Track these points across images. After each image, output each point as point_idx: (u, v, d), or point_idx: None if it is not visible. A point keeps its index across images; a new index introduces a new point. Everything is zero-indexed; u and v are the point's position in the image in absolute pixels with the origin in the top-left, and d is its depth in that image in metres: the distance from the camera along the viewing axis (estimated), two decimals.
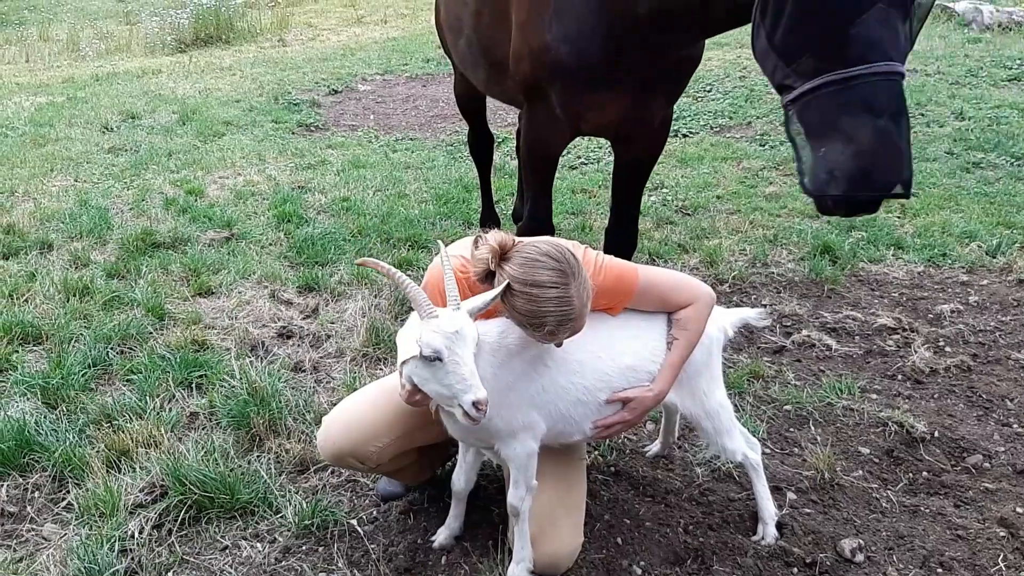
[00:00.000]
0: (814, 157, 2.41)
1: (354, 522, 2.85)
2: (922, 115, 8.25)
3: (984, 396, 3.60)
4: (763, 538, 2.76)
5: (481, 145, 5.39)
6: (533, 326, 2.23)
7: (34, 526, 2.91)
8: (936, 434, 3.31)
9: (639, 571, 2.63)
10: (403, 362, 2.17)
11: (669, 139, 7.88)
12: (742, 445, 2.73)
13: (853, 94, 2.27)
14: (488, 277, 2.29)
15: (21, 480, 3.11)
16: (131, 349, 4.01)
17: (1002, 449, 3.25)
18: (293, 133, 8.48)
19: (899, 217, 5.69)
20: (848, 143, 2.27)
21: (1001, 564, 2.66)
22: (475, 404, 2.09)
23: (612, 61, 3.18)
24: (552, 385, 2.44)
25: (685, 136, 8.12)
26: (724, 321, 2.77)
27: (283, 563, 2.71)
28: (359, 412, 2.69)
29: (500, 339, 2.39)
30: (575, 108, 3.39)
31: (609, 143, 4.05)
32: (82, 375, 3.70)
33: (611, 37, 3.13)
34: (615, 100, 3.33)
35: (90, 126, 8.60)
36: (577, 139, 7.71)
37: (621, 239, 3.89)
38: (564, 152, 7.44)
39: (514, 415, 2.39)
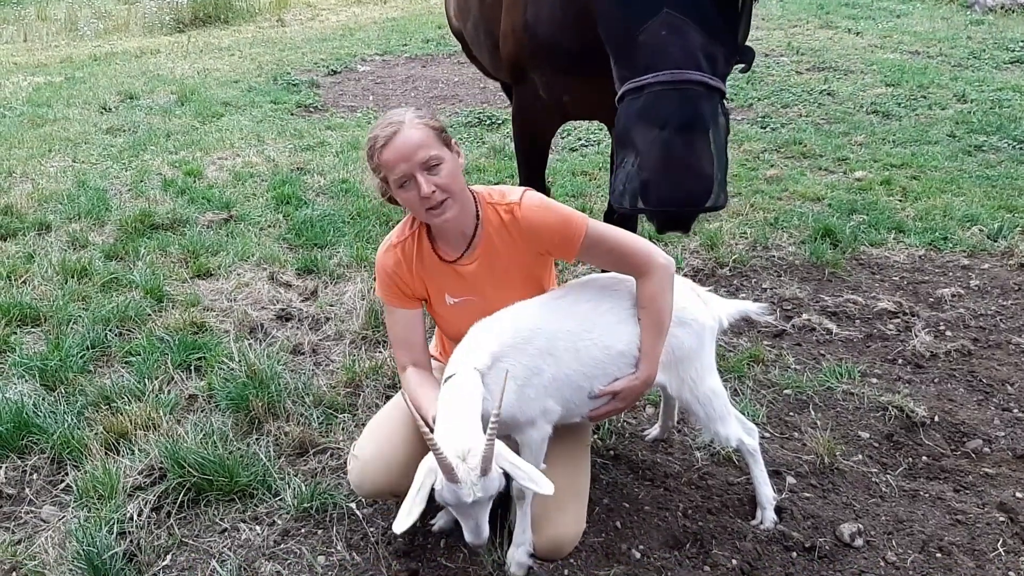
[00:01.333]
0: (616, 167, 2.33)
1: (353, 505, 2.85)
2: (924, 97, 8.22)
3: (984, 381, 3.59)
4: (762, 523, 2.75)
5: None
6: (370, 148, 2.35)
7: (33, 508, 2.90)
8: (936, 419, 3.30)
9: (638, 555, 2.63)
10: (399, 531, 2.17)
11: None
12: (737, 431, 2.71)
13: (642, 103, 2.14)
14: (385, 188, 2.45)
15: (19, 462, 3.10)
16: (130, 331, 4.00)
17: (1002, 434, 3.24)
18: (292, 114, 8.44)
19: (900, 200, 5.67)
20: (636, 154, 2.16)
21: (1000, 549, 2.66)
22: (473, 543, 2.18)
23: (589, 44, 3.13)
24: (559, 374, 2.43)
25: None
26: (721, 311, 2.75)
27: (282, 546, 2.71)
28: (394, 449, 2.59)
29: (514, 336, 2.39)
30: (557, 91, 3.35)
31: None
32: (80, 357, 3.69)
33: (583, 20, 3.08)
34: (598, 84, 3.28)
35: (88, 106, 8.56)
36: (577, 121, 7.68)
37: (621, 223, 3.86)
38: (563, 134, 7.42)
39: (531, 406, 2.39)
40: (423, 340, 2.65)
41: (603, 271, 2.76)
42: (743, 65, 2.36)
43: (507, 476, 2.17)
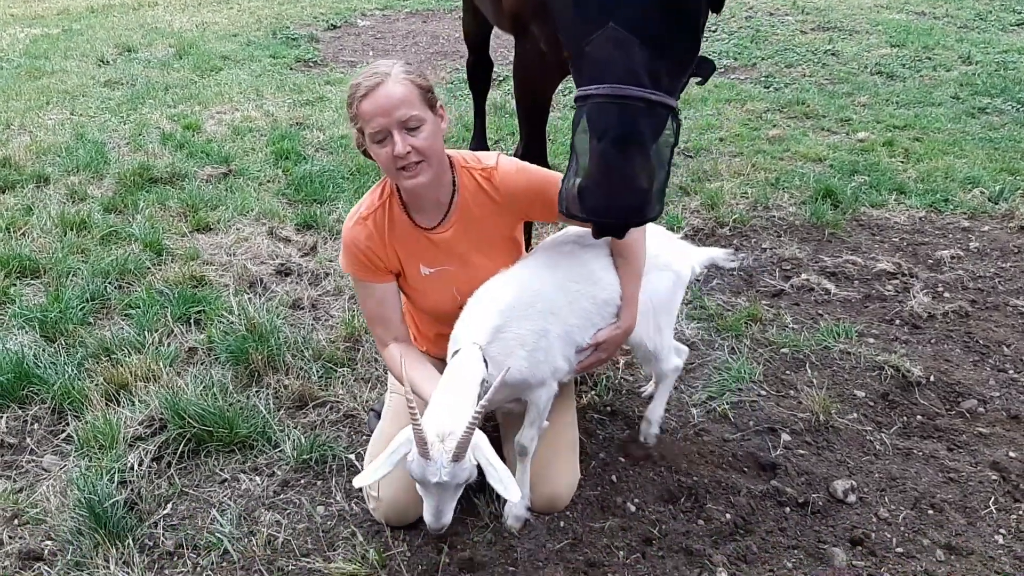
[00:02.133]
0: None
1: (352, 456, 2.88)
2: (929, 59, 8.15)
3: (981, 342, 3.60)
4: (644, 437, 2.87)
5: (480, 73, 5.37)
6: (351, 96, 2.27)
7: (34, 457, 2.93)
8: (932, 378, 3.32)
9: (633, 508, 2.66)
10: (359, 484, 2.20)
11: None
12: (672, 362, 2.80)
13: (585, 113, 2.15)
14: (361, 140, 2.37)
15: (20, 412, 3.13)
16: (129, 284, 4.01)
17: (997, 394, 3.26)
18: (291, 68, 8.37)
19: (902, 162, 5.64)
20: (577, 162, 2.17)
21: (992, 507, 2.69)
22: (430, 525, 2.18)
23: None
24: (560, 331, 2.44)
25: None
26: (694, 260, 2.79)
27: (282, 496, 2.74)
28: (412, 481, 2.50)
29: (515, 304, 2.37)
30: (558, 45, 3.31)
31: None
32: (80, 309, 3.70)
33: None
34: None
35: (86, 59, 8.50)
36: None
37: None
38: (565, 92, 7.36)
39: (542, 368, 2.40)
40: (400, 314, 2.62)
41: None
42: (700, 78, 2.36)
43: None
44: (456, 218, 2.50)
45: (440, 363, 2.51)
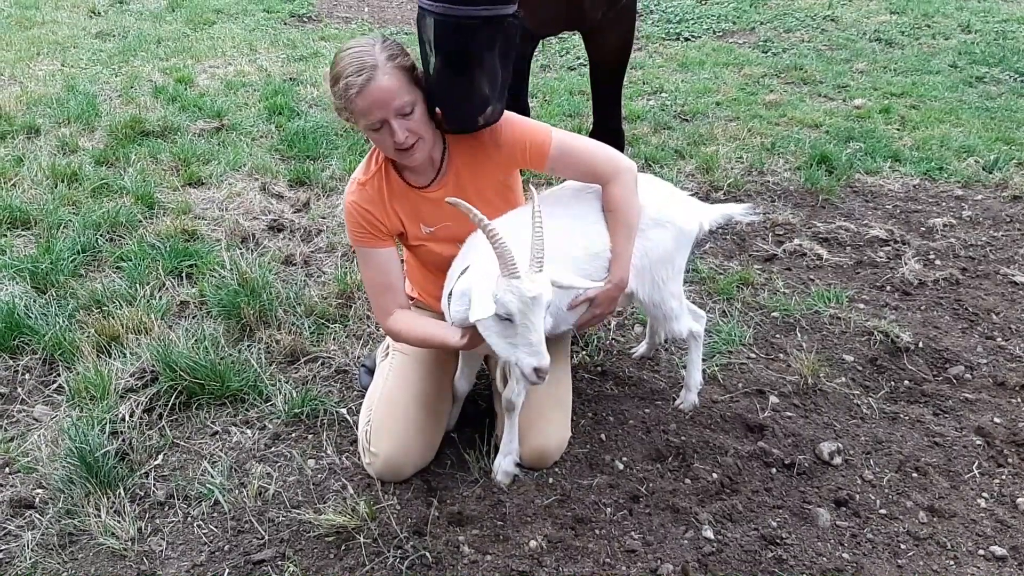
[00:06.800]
0: None
1: (344, 411, 2.89)
2: (928, 26, 8.11)
3: (970, 309, 3.62)
4: (681, 403, 2.91)
5: None
6: (342, 92, 2.27)
7: (25, 407, 2.94)
8: (920, 344, 3.34)
9: (621, 466, 2.68)
10: (475, 320, 2.13)
11: (670, 42, 7.76)
12: (687, 324, 2.79)
13: (422, 19, 2.28)
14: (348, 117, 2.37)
15: (11, 362, 3.13)
16: (120, 237, 3.99)
17: (984, 361, 3.28)
18: (285, 23, 8.28)
19: (898, 129, 5.63)
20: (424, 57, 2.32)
21: (975, 471, 2.72)
22: (536, 370, 2.10)
23: None
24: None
25: (687, 40, 7.96)
26: (704, 216, 2.76)
27: (273, 449, 2.75)
28: (410, 438, 2.58)
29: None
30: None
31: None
32: (71, 261, 3.69)
33: None
34: None
35: (77, 10, 8.39)
36: (575, 39, 7.54)
37: (605, 142, 3.77)
38: (561, 52, 7.30)
39: None
40: (402, 281, 2.62)
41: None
42: None
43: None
44: (449, 175, 2.51)
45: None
